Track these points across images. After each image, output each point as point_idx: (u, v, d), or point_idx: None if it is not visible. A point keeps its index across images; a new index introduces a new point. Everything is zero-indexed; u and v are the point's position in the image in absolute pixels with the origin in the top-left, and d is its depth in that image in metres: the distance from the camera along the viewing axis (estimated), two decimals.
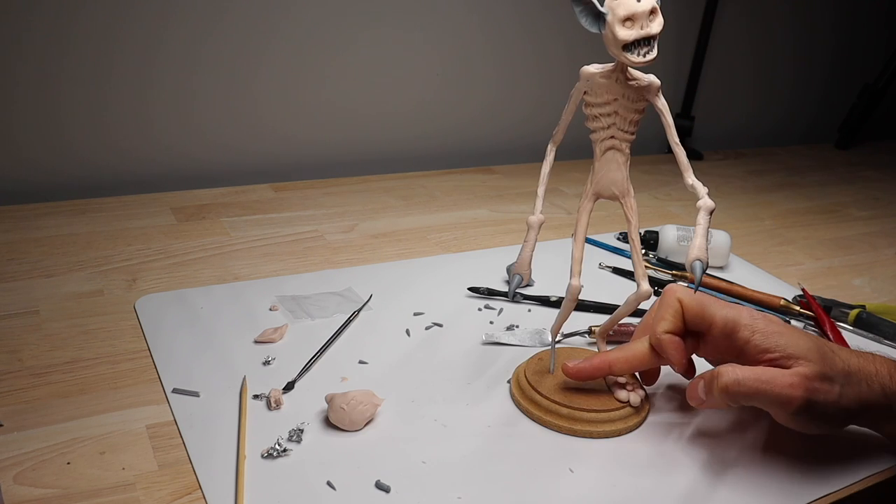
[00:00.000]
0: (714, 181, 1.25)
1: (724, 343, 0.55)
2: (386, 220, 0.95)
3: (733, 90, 1.50)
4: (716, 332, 0.55)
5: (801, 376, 0.51)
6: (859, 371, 0.54)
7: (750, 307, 0.57)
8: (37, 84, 0.92)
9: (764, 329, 0.53)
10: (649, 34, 0.49)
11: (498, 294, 0.77)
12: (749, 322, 0.54)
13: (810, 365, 0.52)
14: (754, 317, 0.55)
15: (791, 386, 0.51)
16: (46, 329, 0.66)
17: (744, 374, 0.52)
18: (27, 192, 0.93)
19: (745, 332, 0.54)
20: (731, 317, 0.54)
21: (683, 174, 0.54)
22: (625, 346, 0.59)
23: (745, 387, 0.52)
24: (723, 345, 0.55)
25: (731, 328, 0.54)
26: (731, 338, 0.54)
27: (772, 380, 0.51)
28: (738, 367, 0.53)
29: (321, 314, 0.71)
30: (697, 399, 0.55)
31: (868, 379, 0.54)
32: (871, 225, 1.12)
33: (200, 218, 0.91)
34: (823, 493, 0.54)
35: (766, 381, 0.52)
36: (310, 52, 1.06)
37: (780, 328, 0.54)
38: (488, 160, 1.22)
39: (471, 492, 0.51)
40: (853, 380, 0.53)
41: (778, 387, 0.51)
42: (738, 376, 0.52)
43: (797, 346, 0.52)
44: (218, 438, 0.54)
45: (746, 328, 0.54)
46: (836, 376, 0.52)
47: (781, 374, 0.52)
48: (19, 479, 0.49)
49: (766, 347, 0.53)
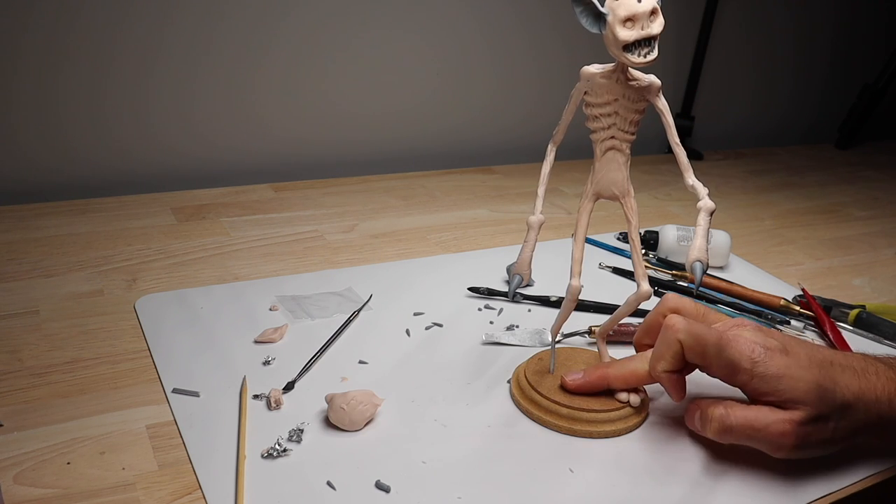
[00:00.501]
0: (714, 181, 1.25)
1: (725, 379, 0.55)
2: (386, 220, 0.95)
3: (733, 90, 1.50)
4: (715, 371, 0.55)
5: (794, 423, 0.51)
6: (858, 401, 0.53)
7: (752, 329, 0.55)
8: (37, 84, 0.92)
9: (763, 373, 0.52)
10: (650, 35, 0.49)
11: (498, 294, 0.77)
12: (749, 367, 0.52)
13: (806, 409, 0.51)
14: (754, 359, 0.53)
15: (782, 434, 0.51)
16: (46, 329, 0.66)
17: (736, 420, 0.53)
18: (27, 192, 0.93)
19: (743, 376, 0.53)
20: (730, 361, 0.53)
21: (684, 174, 0.54)
22: (624, 362, 0.59)
23: (736, 432, 0.53)
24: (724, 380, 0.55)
25: (731, 371, 0.53)
26: (730, 379, 0.54)
27: (764, 427, 0.52)
28: (730, 410, 0.53)
29: (321, 314, 0.71)
30: (694, 427, 0.56)
31: (867, 408, 0.53)
32: (871, 225, 1.12)
33: (200, 218, 0.91)
34: (823, 493, 0.54)
35: (758, 428, 0.52)
36: (310, 52, 1.06)
37: (782, 369, 0.52)
38: (488, 160, 1.22)
39: (471, 492, 0.51)
40: (849, 413, 0.53)
41: (769, 434, 0.52)
42: (731, 422, 0.53)
43: (795, 391, 0.52)
44: (218, 438, 0.54)
45: (745, 373, 0.53)
46: (833, 413, 0.52)
47: (774, 421, 0.52)
48: (19, 479, 0.49)
49: (764, 391, 0.52)
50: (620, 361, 0.59)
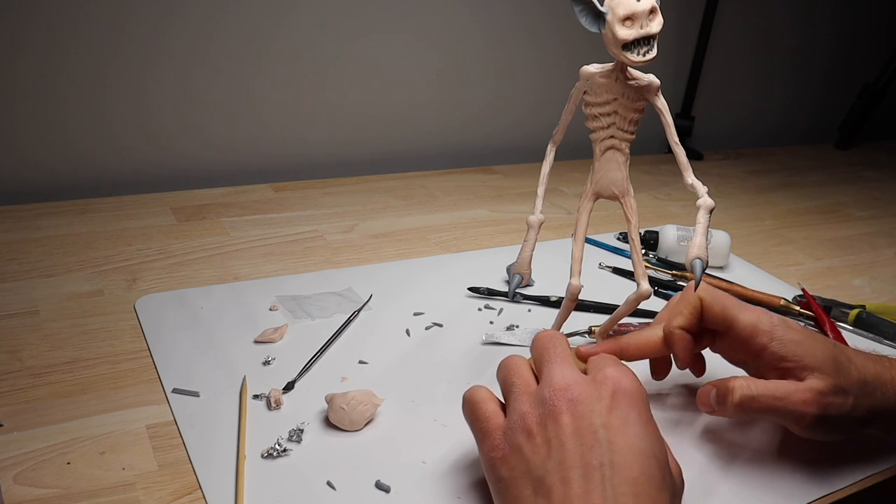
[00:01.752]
0: (714, 181, 1.25)
1: (742, 345, 0.55)
2: (386, 220, 0.95)
3: (733, 90, 1.50)
4: (734, 334, 0.55)
5: (815, 391, 0.51)
6: (875, 380, 0.53)
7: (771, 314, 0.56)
8: (37, 84, 0.92)
9: (782, 337, 0.53)
10: (649, 33, 0.49)
11: (498, 294, 0.77)
12: (768, 328, 0.53)
13: (825, 378, 0.51)
14: (773, 322, 0.54)
15: (804, 402, 0.51)
16: (46, 329, 0.66)
17: (758, 389, 0.52)
18: (27, 192, 0.93)
19: (763, 338, 0.53)
20: (750, 321, 0.54)
21: (683, 174, 0.54)
22: (638, 332, 0.58)
23: (758, 403, 0.52)
24: (740, 347, 0.55)
25: (750, 333, 0.54)
26: (749, 342, 0.54)
27: (786, 396, 0.51)
28: (751, 381, 0.52)
29: (321, 314, 0.71)
30: (708, 407, 0.55)
31: (883, 388, 0.53)
32: (871, 225, 1.12)
33: (200, 218, 0.91)
34: (823, 493, 0.54)
35: (780, 397, 0.51)
36: (310, 52, 1.06)
37: (799, 336, 0.53)
38: (488, 160, 1.22)
39: (471, 492, 0.51)
40: (868, 389, 0.52)
41: (791, 403, 0.51)
42: (753, 392, 0.52)
43: (813, 357, 0.52)
44: (218, 438, 0.54)
45: (765, 334, 0.53)
46: (851, 388, 0.52)
47: (795, 390, 0.51)
48: (19, 479, 0.49)
49: (782, 356, 0.52)
50: (634, 332, 0.59)
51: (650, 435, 0.44)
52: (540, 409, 0.45)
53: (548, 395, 0.45)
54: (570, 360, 0.48)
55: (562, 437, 0.43)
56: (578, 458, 0.42)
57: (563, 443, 0.43)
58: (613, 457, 0.42)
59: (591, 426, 0.43)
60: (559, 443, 0.43)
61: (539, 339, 0.50)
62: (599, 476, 0.41)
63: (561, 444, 0.43)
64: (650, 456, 0.42)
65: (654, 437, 0.44)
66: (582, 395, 0.44)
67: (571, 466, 0.42)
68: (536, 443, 0.44)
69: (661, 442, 0.44)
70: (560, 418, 0.43)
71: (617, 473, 0.41)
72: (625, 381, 0.45)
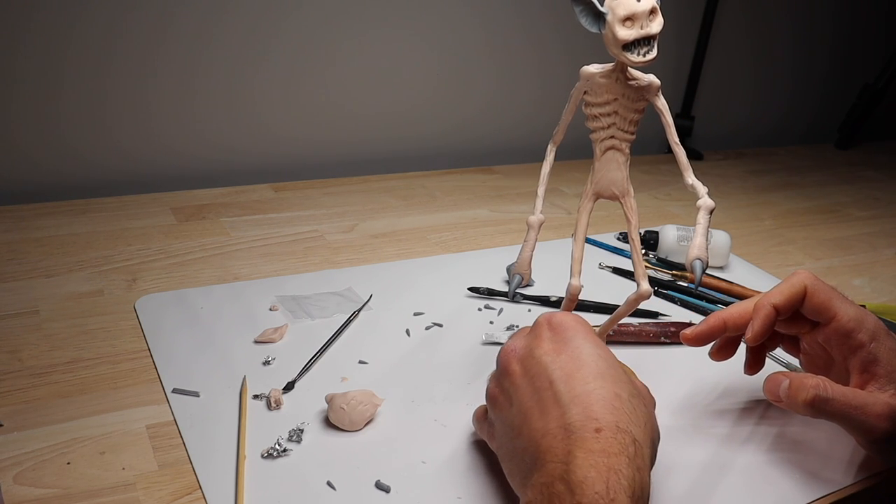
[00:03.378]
0: (714, 181, 1.25)
1: (840, 338, 0.54)
2: (386, 220, 0.95)
3: (733, 90, 1.50)
4: (836, 325, 0.53)
5: (893, 407, 0.50)
6: None
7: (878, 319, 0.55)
8: (37, 84, 0.92)
9: (884, 341, 0.52)
10: (649, 34, 0.49)
11: (498, 294, 0.77)
12: (873, 328, 0.53)
13: None
14: (879, 325, 0.53)
15: (878, 416, 0.50)
16: (46, 329, 0.66)
17: (835, 393, 0.51)
18: (27, 192, 0.93)
19: (864, 335, 0.52)
20: (856, 315, 0.53)
21: (683, 174, 0.54)
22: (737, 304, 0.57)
23: (831, 406, 0.51)
24: (838, 339, 0.54)
25: (854, 327, 0.53)
26: (850, 336, 0.53)
27: (862, 406, 0.50)
28: (829, 383, 0.51)
29: (321, 314, 0.71)
30: (775, 396, 0.53)
31: None
32: (871, 225, 1.12)
33: (200, 218, 0.91)
34: (823, 493, 0.54)
35: (855, 406, 0.50)
36: (310, 52, 1.06)
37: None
38: (488, 160, 1.22)
39: (471, 492, 0.51)
40: None
41: (865, 414, 0.50)
42: (829, 394, 0.51)
43: None
44: (218, 438, 0.54)
45: (868, 333, 0.52)
46: None
47: (874, 402, 0.50)
48: (19, 479, 0.49)
49: (878, 359, 0.52)
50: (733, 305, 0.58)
51: (592, 344, 0.46)
52: (496, 375, 0.50)
53: (500, 358, 0.50)
54: (524, 331, 0.51)
55: (516, 383, 0.47)
56: (531, 390, 0.45)
57: (517, 386, 0.47)
58: (562, 373, 0.44)
59: (536, 361, 0.46)
60: (514, 388, 0.47)
61: None
62: (551, 394, 0.44)
63: (515, 388, 0.47)
64: (598, 358, 0.45)
65: (596, 345, 0.46)
66: (522, 343, 0.48)
67: (528, 399, 0.45)
68: (501, 402, 0.48)
69: (606, 350, 0.47)
70: (510, 369, 0.48)
71: (568, 380, 0.44)
72: (556, 315, 0.48)
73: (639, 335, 0.70)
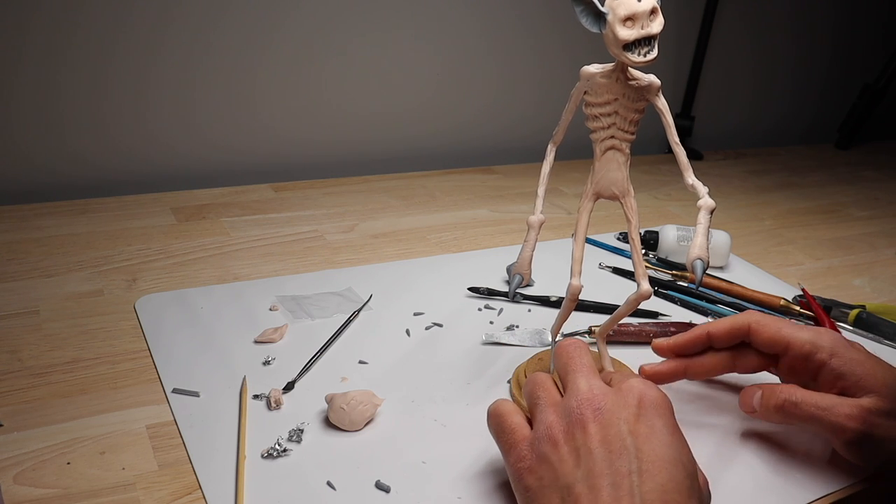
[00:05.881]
0: (714, 181, 1.25)
1: (801, 364, 0.54)
2: (386, 220, 0.95)
3: (733, 90, 1.50)
4: (793, 353, 0.54)
5: (862, 408, 0.50)
6: None
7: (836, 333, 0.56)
8: (37, 84, 0.92)
9: (843, 354, 0.53)
10: (650, 34, 0.49)
11: (498, 294, 0.77)
12: (829, 345, 0.53)
13: (878, 400, 0.51)
14: (836, 340, 0.54)
15: (848, 416, 0.50)
16: (46, 329, 0.66)
17: (803, 396, 0.52)
18: (27, 192, 0.93)
19: (823, 354, 0.53)
20: (809, 339, 0.54)
21: (683, 174, 0.54)
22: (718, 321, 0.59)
23: (801, 410, 0.52)
24: (800, 366, 0.55)
25: (810, 349, 0.53)
26: (808, 359, 0.54)
27: (830, 407, 0.51)
28: (798, 389, 0.52)
29: (321, 314, 0.71)
30: (749, 407, 0.55)
31: None
32: (871, 225, 1.12)
33: (200, 218, 0.91)
34: (823, 493, 0.54)
35: (824, 407, 0.51)
36: (310, 52, 1.06)
37: (861, 356, 0.53)
38: (488, 160, 1.22)
39: (471, 492, 0.51)
40: None
41: (834, 415, 0.51)
42: (797, 398, 0.52)
43: (874, 379, 0.51)
44: (218, 438, 0.54)
45: (825, 351, 0.53)
46: None
47: (841, 403, 0.51)
48: (19, 479, 0.49)
49: (841, 373, 0.52)
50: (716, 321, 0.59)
51: (677, 443, 0.44)
52: (566, 419, 0.45)
53: (574, 405, 0.45)
54: (594, 370, 0.48)
55: (590, 446, 0.43)
56: (607, 465, 0.42)
57: (591, 451, 0.43)
58: (641, 464, 0.42)
59: (618, 434, 0.43)
60: (587, 451, 0.43)
61: (562, 350, 0.50)
62: (628, 483, 0.41)
63: (589, 452, 0.43)
64: (677, 463, 0.42)
65: (680, 446, 0.44)
66: (608, 404, 0.45)
67: (600, 474, 0.42)
68: (564, 452, 0.44)
69: (687, 450, 0.44)
70: (587, 427, 0.44)
71: (645, 481, 0.41)
72: (650, 391, 0.46)
73: (639, 335, 0.70)
